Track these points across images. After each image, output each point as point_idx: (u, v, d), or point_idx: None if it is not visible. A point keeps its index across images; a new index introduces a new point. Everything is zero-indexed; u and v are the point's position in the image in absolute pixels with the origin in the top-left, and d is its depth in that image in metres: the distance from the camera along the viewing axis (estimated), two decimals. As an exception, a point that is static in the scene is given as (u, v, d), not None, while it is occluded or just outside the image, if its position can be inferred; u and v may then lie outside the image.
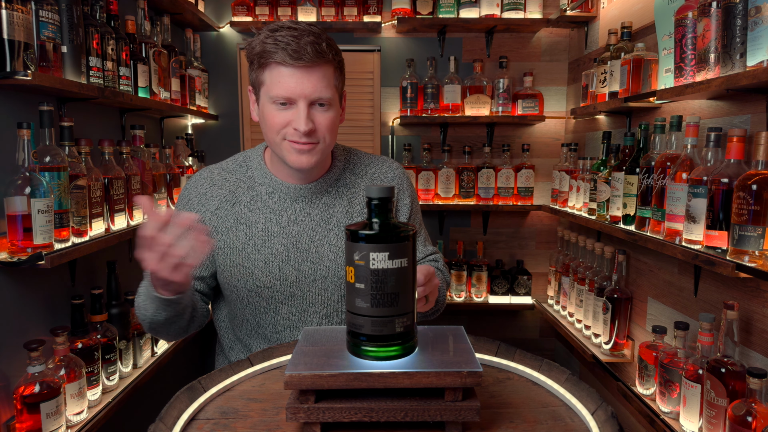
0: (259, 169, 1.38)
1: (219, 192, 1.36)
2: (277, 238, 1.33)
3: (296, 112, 1.22)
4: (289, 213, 1.35)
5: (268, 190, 1.37)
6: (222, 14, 3.06)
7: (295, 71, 1.20)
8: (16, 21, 1.37)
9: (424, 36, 3.10)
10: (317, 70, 1.21)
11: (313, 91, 1.21)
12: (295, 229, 1.34)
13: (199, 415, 0.95)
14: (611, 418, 0.88)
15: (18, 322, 1.60)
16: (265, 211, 1.35)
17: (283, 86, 1.21)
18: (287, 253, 1.33)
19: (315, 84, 1.21)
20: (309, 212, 1.36)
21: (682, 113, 1.86)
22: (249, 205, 1.35)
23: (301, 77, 1.20)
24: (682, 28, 1.59)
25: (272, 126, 1.25)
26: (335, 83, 1.26)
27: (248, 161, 1.42)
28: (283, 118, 1.24)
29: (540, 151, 3.18)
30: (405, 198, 1.47)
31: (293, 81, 1.20)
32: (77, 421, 1.59)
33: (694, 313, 1.84)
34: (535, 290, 3.19)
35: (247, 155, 1.43)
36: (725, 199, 1.42)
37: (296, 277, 1.33)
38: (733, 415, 1.31)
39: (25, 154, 1.44)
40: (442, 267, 1.51)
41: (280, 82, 1.21)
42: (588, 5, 2.72)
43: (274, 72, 1.21)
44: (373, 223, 0.89)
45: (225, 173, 1.40)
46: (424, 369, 0.85)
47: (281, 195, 1.36)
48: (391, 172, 1.47)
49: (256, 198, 1.36)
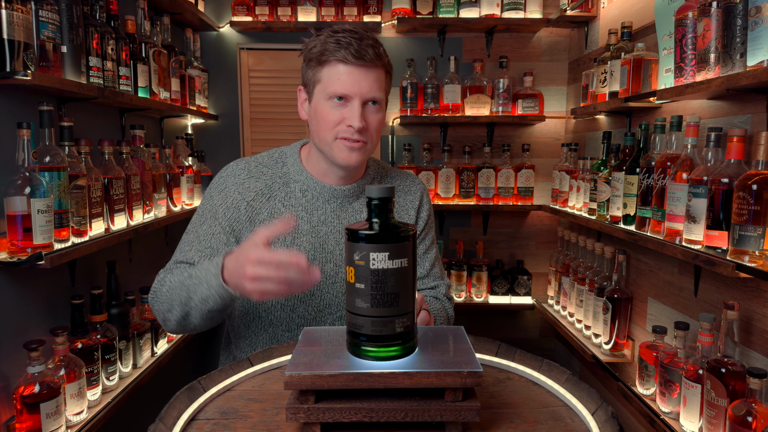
0: (295, 166, 1.41)
1: (256, 184, 1.38)
2: (306, 236, 1.36)
3: (350, 109, 1.27)
4: (319, 213, 1.38)
5: (302, 188, 1.39)
6: (222, 14, 3.06)
7: (354, 69, 1.26)
8: (16, 21, 1.37)
9: (424, 36, 3.10)
10: (373, 72, 1.28)
11: (369, 90, 1.27)
12: (324, 230, 1.37)
13: (199, 415, 0.95)
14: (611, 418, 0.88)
15: (18, 322, 1.60)
16: (297, 209, 1.38)
17: (342, 83, 1.26)
18: (313, 252, 1.36)
19: (371, 84, 1.27)
20: (339, 215, 1.39)
21: (683, 113, 1.86)
22: (283, 201, 1.38)
23: (359, 76, 1.26)
24: (682, 28, 1.59)
25: (326, 123, 1.29)
26: (386, 87, 1.33)
27: (284, 158, 1.44)
28: (337, 115, 1.28)
29: (540, 151, 3.18)
30: (424, 212, 1.51)
31: (352, 78, 1.26)
32: (77, 421, 1.59)
33: (694, 313, 1.84)
34: (535, 290, 3.19)
35: (283, 152, 1.46)
36: (725, 199, 1.42)
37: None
38: (734, 415, 1.31)
39: (25, 154, 1.44)
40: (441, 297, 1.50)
41: (339, 78, 1.26)
42: (588, 5, 2.72)
43: (334, 69, 1.26)
44: (373, 223, 0.89)
45: (261, 167, 1.42)
46: (424, 369, 0.85)
47: (314, 194, 1.39)
48: (414, 186, 1.52)
49: (290, 195, 1.39)
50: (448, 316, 1.49)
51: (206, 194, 1.41)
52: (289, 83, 3.10)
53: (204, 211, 1.38)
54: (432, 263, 1.52)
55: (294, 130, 3.11)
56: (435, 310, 1.42)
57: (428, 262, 1.51)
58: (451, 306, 1.53)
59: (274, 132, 3.13)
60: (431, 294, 1.49)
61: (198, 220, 1.38)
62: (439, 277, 1.54)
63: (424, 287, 1.50)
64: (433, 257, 1.53)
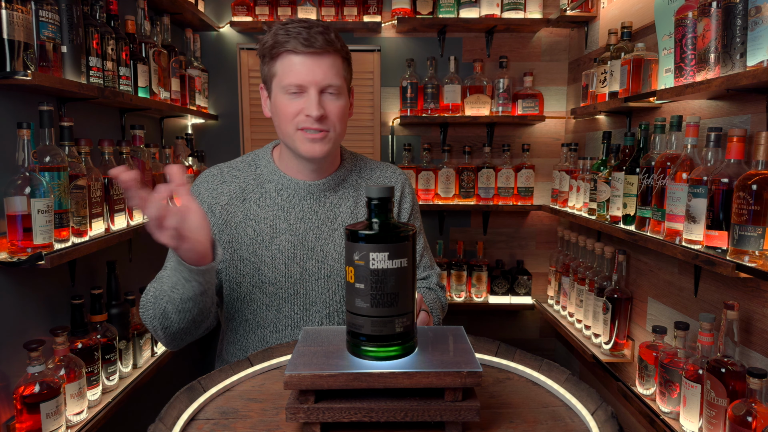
0: (268, 167, 1.40)
1: (229, 188, 1.38)
2: (285, 234, 1.35)
3: (307, 99, 1.26)
4: (296, 210, 1.37)
5: (277, 187, 1.39)
6: (222, 14, 3.06)
7: (306, 59, 1.24)
8: (16, 21, 1.37)
9: (424, 36, 3.10)
10: (327, 58, 1.26)
11: (323, 77, 1.25)
12: (302, 227, 1.37)
13: (198, 415, 0.95)
14: (611, 418, 0.88)
15: (18, 322, 1.60)
16: (273, 208, 1.37)
17: (295, 73, 1.25)
18: (293, 250, 1.35)
19: (325, 71, 1.25)
20: (316, 210, 1.38)
21: (682, 113, 1.86)
22: (258, 202, 1.37)
23: (312, 64, 1.24)
24: (682, 28, 1.59)
25: (285, 116, 1.28)
26: (344, 74, 1.31)
27: (257, 160, 1.44)
28: (295, 106, 1.27)
29: (540, 151, 3.18)
30: (406, 203, 1.50)
31: (304, 68, 1.24)
32: (77, 421, 1.59)
33: (694, 313, 1.84)
34: (535, 290, 3.19)
35: (256, 155, 1.46)
36: (725, 199, 1.42)
37: (301, 275, 1.35)
38: (734, 415, 1.31)
39: (25, 154, 1.44)
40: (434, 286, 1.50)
41: (291, 70, 1.25)
42: (588, 5, 2.72)
43: (286, 61, 1.25)
44: (373, 223, 0.89)
45: (234, 171, 1.42)
46: (424, 369, 0.85)
47: (290, 192, 1.38)
48: (395, 177, 1.50)
49: (265, 195, 1.38)
50: (442, 305, 1.49)
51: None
52: (289, 83, 3.09)
53: None
54: (421, 253, 1.51)
55: (294, 130, 3.11)
56: (429, 301, 1.42)
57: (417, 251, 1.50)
58: (444, 293, 1.53)
59: (274, 132, 3.10)
60: (424, 285, 1.49)
61: None
62: (429, 266, 1.53)
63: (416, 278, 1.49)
64: (422, 247, 1.52)
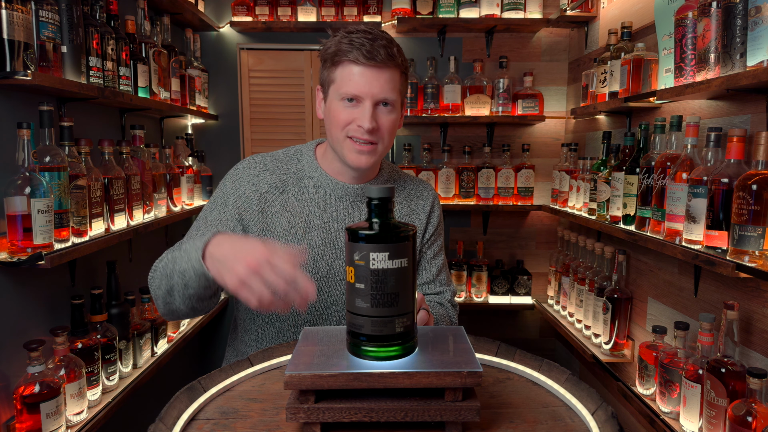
0: (310, 163, 1.42)
1: (270, 177, 1.40)
2: (317, 231, 1.37)
3: (362, 110, 1.28)
4: (332, 210, 1.40)
5: (316, 184, 1.40)
6: (222, 14, 3.06)
7: (366, 70, 1.26)
8: (16, 21, 1.37)
9: (424, 36, 3.10)
10: (386, 72, 1.27)
11: (380, 91, 1.27)
12: (335, 227, 1.39)
13: (199, 415, 0.95)
14: (611, 418, 0.88)
15: (18, 322, 1.60)
16: (310, 204, 1.39)
17: (354, 83, 1.27)
18: (324, 247, 1.37)
19: (383, 84, 1.27)
20: (350, 212, 1.40)
21: (682, 113, 1.86)
22: (296, 195, 1.39)
23: (371, 77, 1.26)
24: (682, 28, 1.59)
25: (337, 122, 1.30)
26: (400, 88, 1.33)
27: (299, 154, 1.46)
28: (348, 114, 1.29)
29: (540, 151, 3.18)
30: (434, 218, 1.52)
31: (363, 79, 1.26)
32: (77, 421, 1.59)
33: (694, 313, 1.84)
34: (535, 290, 3.19)
35: (299, 149, 1.48)
36: (725, 199, 1.42)
37: (327, 273, 1.37)
38: (733, 415, 1.31)
39: (25, 154, 1.44)
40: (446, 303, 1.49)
41: (351, 79, 1.27)
42: (588, 5, 2.72)
43: (346, 70, 1.27)
44: (373, 223, 0.89)
45: (277, 161, 1.44)
46: (424, 369, 0.85)
47: (327, 191, 1.40)
48: (426, 191, 1.53)
49: (303, 190, 1.40)
50: (451, 323, 1.47)
51: (220, 184, 1.43)
52: (289, 83, 3.10)
53: (215, 199, 1.40)
54: (439, 269, 1.52)
55: (294, 130, 3.11)
56: (438, 315, 1.42)
57: (435, 267, 1.51)
58: (456, 313, 1.51)
59: (274, 132, 3.13)
60: (435, 300, 1.49)
61: (209, 207, 1.40)
62: (445, 283, 1.53)
63: (429, 292, 1.50)
64: (441, 263, 1.53)
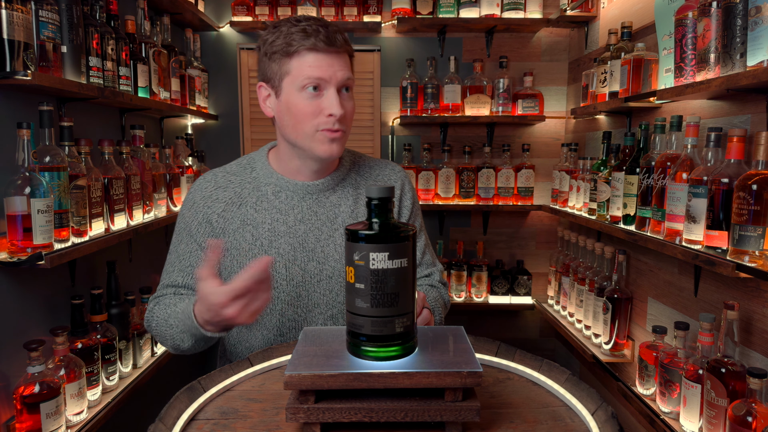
0: (264, 170, 1.39)
1: (224, 194, 1.36)
2: (284, 237, 1.33)
3: (328, 98, 1.25)
4: (295, 212, 1.35)
5: (275, 190, 1.37)
6: (222, 14, 3.06)
7: (325, 56, 1.24)
8: (16, 21, 1.37)
9: (424, 36, 3.10)
10: (343, 57, 1.27)
11: (343, 73, 1.26)
12: (302, 229, 1.35)
13: (198, 415, 0.95)
14: (611, 418, 0.88)
15: (18, 322, 1.60)
16: (271, 211, 1.35)
17: (317, 69, 1.23)
18: (294, 252, 1.33)
19: (343, 67, 1.26)
20: (316, 211, 1.36)
21: (682, 113, 1.86)
22: (255, 206, 1.35)
23: (332, 62, 1.25)
24: (682, 28, 1.59)
25: (303, 116, 1.26)
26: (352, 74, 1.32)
27: (252, 163, 1.42)
28: (314, 106, 1.25)
29: (540, 151, 3.18)
30: (407, 200, 1.48)
31: (325, 63, 1.24)
32: (77, 421, 1.59)
33: (694, 313, 1.84)
34: (535, 290, 3.19)
35: (251, 157, 1.44)
36: (725, 199, 1.42)
37: (302, 277, 1.33)
38: (734, 415, 1.31)
39: (25, 154, 1.44)
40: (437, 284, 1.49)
41: (311, 65, 1.24)
42: (588, 5, 2.72)
43: (305, 58, 1.24)
44: (373, 223, 0.89)
45: (229, 175, 1.40)
46: (424, 369, 0.85)
47: (288, 193, 1.36)
48: (394, 174, 1.48)
49: (262, 198, 1.36)
50: (444, 302, 1.48)
51: (180, 212, 1.39)
52: (289, 83, 3.09)
53: (180, 229, 1.38)
54: (422, 251, 1.49)
55: (294, 130, 3.11)
56: (432, 299, 1.41)
57: (419, 250, 1.48)
58: (446, 290, 1.52)
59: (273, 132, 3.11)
60: (427, 282, 1.48)
61: (177, 240, 1.38)
62: (432, 263, 1.51)
63: (419, 276, 1.47)
64: (423, 245, 1.50)
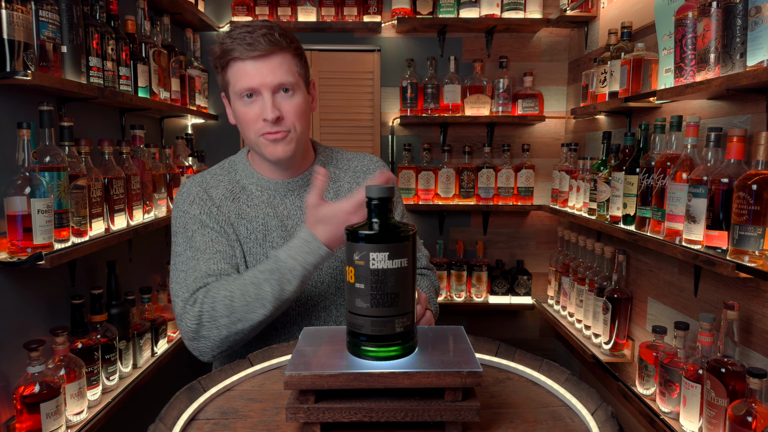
0: (245, 171, 1.41)
1: (217, 192, 1.38)
2: (276, 231, 1.36)
3: (261, 103, 1.26)
4: (282, 208, 1.38)
5: (258, 188, 1.39)
6: (222, 14, 3.06)
7: (253, 63, 1.24)
8: (16, 21, 1.37)
9: (424, 36, 3.10)
10: (274, 58, 1.25)
11: (273, 78, 1.25)
12: (290, 224, 1.37)
13: (199, 415, 0.95)
14: (611, 418, 0.88)
15: (18, 322, 1.60)
16: (262, 207, 1.37)
17: (244, 78, 1.25)
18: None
19: (274, 71, 1.25)
20: (300, 206, 1.39)
21: (682, 113, 1.86)
22: (247, 202, 1.37)
23: (260, 66, 1.24)
24: (682, 28, 1.59)
25: (246, 122, 1.29)
26: (297, 70, 1.30)
27: (234, 165, 1.44)
28: (253, 112, 1.27)
29: (540, 151, 3.18)
30: None
31: (253, 70, 1.24)
32: (77, 421, 1.59)
33: (694, 313, 1.84)
34: (535, 290, 3.19)
35: (232, 160, 1.46)
36: (725, 199, 1.42)
37: None
38: (733, 415, 1.31)
39: (25, 154, 1.44)
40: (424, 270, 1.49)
41: (241, 75, 1.25)
42: (588, 5, 2.72)
43: (234, 68, 1.26)
44: (373, 223, 0.89)
45: (216, 177, 1.41)
46: (424, 369, 0.85)
47: (270, 192, 1.38)
48: (373, 164, 1.49)
49: (251, 196, 1.38)
50: (435, 288, 1.49)
51: (176, 216, 1.34)
52: (289, 83, 3.09)
53: (186, 227, 1.31)
54: None
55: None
56: (424, 287, 1.41)
57: None
58: (434, 274, 1.53)
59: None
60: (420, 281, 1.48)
61: (186, 237, 1.31)
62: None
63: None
64: None
